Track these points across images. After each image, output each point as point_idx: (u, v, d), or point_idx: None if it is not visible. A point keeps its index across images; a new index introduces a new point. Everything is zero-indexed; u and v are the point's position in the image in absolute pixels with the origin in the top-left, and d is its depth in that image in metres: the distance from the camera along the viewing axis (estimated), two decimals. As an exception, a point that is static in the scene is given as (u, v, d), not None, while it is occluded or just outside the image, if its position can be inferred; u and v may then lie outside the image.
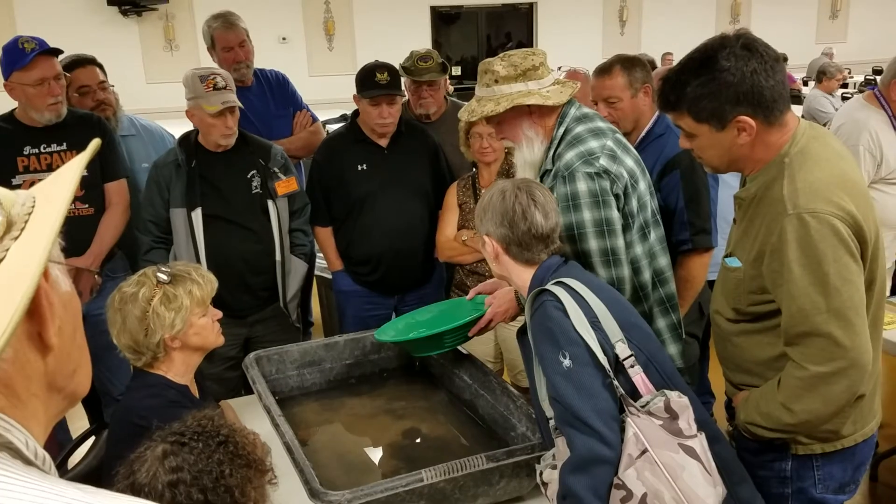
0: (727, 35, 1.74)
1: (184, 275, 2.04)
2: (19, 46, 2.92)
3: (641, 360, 1.72)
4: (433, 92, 3.53)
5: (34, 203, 0.74)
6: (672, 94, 1.79)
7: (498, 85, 2.17)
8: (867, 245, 1.69)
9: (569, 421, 1.66)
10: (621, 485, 1.61)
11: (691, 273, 2.66)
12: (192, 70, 2.93)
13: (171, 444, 1.43)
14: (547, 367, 1.73)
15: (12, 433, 0.70)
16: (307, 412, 2.52)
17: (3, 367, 0.71)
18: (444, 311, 2.62)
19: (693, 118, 1.77)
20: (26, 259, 0.68)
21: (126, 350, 2.01)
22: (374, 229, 3.21)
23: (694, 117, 1.77)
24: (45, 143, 3.04)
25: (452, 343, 2.45)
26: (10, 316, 0.64)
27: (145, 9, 10.69)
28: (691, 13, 13.48)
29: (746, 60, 1.68)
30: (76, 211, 3.04)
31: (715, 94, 1.71)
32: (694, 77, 1.73)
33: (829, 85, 8.22)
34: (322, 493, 1.74)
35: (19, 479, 0.64)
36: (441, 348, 2.45)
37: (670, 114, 1.85)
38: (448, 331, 2.36)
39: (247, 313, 3.02)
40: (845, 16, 14.79)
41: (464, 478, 1.85)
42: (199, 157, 2.95)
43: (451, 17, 13.44)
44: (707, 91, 1.71)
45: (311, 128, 3.81)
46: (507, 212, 1.87)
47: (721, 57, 1.70)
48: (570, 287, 1.76)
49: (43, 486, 0.64)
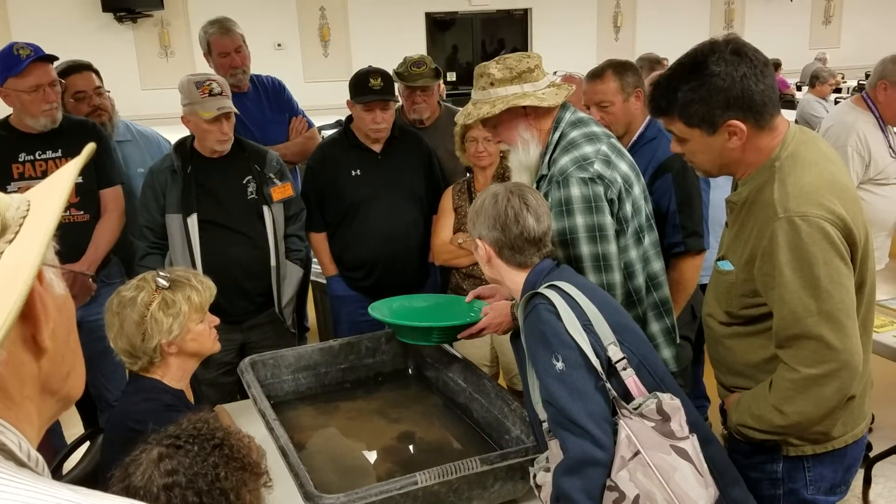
0: (717, 40, 1.76)
1: (183, 281, 2.04)
2: (14, 53, 2.92)
3: (634, 362, 1.73)
4: (426, 97, 3.55)
5: (29, 207, 0.74)
6: (663, 99, 1.80)
7: (493, 88, 2.19)
8: (857, 248, 1.71)
9: (562, 423, 1.67)
10: (614, 486, 1.62)
11: (684, 276, 2.68)
12: (188, 76, 2.94)
13: (166, 447, 1.43)
14: (540, 370, 1.74)
15: (5, 435, 0.71)
16: (302, 416, 2.53)
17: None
18: (441, 305, 2.65)
19: (684, 123, 1.78)
20: (20, 262, 0.68)
21: (122, 354, 2.01)
22: (367, 234, 3.22)
23: (685, 122, 1.78)
24: (41, 149, 3.04)
25: (440, 340, 2.48)
26: (4, 318, 0.65)
27: (140, 15, 10.67)
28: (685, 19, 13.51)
29: (736, 65, 1.70)
30: (71, 217, 3.04)
31: (705, 99, 1.72)
32: (684, 82, 1.75)
33: (823, 90, 8.25)
34: (317, 496, 1.75)
35: (12, 480, 0.64)
36: (428, 341, 2.48)
37: (661, 119, 1.86)
38: (438, 328, 2.40)
39: (242, 319, 3.02)
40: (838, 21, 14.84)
41: (458, 481, 1.86)
42: (194, 162, 2.96)
43: (446, 24, 13.46)
44: (697, 96, 1.73)
45: (306, 133, 3.83)
46: (499, 215, 1.89)
47: (711, 62, 1.71)
48: (562, 290, 1.77)
49: (36, 487, 0.64)
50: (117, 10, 10.51)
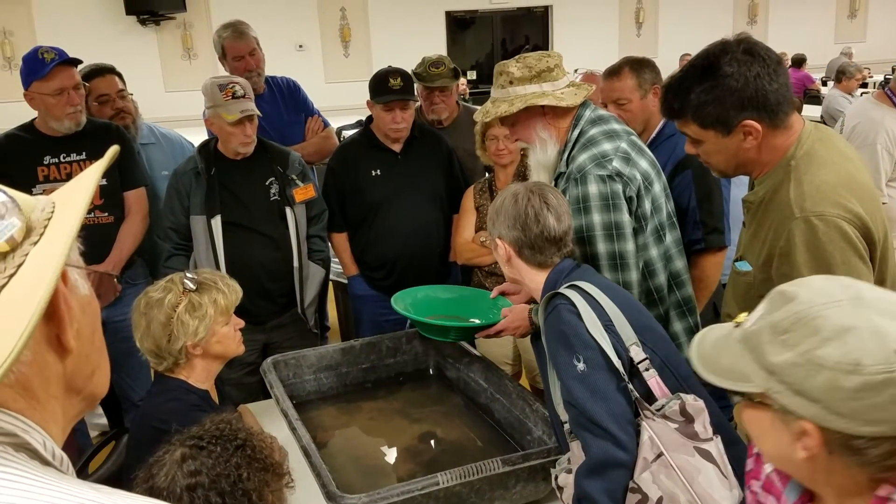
0: (728, 40, 1.75)
1: (210, 283, 2.06)
2: (39, 56, 2.96)
3: (656, 363, 1.72)
4: (445, 98, 3.54)
5: (53, 209, 0.75)
6: (676, 101, 1.79)
7: (512, 86, 2.18)
8: (875, 246, 1.69)
9: (583, 424, 1.66)
10: (637, 488, 1.60)
11: (705, 273, 2.65)
12: (211, 79, 2.97)
13: (189, 448, 1.45)
14: (561, 371, 1.73)
15: (31, 434, 0.72)
16: (324, 416, 2.54)
17: (22, 370, 0.72)
18: (465, 298, 2.66)
19: (698, 125, 1.77)
20: (45, 263, 0.69)
21: (148, 354, 2.04)
22: (388, 234, 3.23)
23: (699, 124, 1.77)
24: (65, 152, 3.08)
25: (458, 338, 2.50)
26: (28, 319, 0.65)
27: (163, 18, 10.77)
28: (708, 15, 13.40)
29: (749, 65, 1.69)
30: (96, 219, 3.07)
31: (719, 100, 1.71)
32: (697, 83, 1.73)
33: (849, 85, 8.15)
34: (339, 496, 1.76)
35: (36, 480, 0.65)
36: (446, 338, 2.50)
37: (675, 121, 1.85)
38: (456, 327, 2.41)
39: (265, 319, 3.04)
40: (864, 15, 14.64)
41: (480, 481, 1.86)
42: (218, 164, 2.98)
43: (467, 22, 13.45)
44: (711, 97, 1.71)
45: (322, 133, 3.83)
46: (519, 215, 1.88)
47: (723, 63, 1.70)
48: (583, 290, 1.76)
49: (60, 487, 0.65)
50: (140, 13, 10.61)
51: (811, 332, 0.98)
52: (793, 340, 0.99)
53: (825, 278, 1.06)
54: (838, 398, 0.96)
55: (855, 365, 0.94)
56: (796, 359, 0.99)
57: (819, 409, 0.97)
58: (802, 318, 0.99)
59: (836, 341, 0.96)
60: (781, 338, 1.00)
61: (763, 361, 1.02)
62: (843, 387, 0.95)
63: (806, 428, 1.00)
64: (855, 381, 0.94)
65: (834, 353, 0.96)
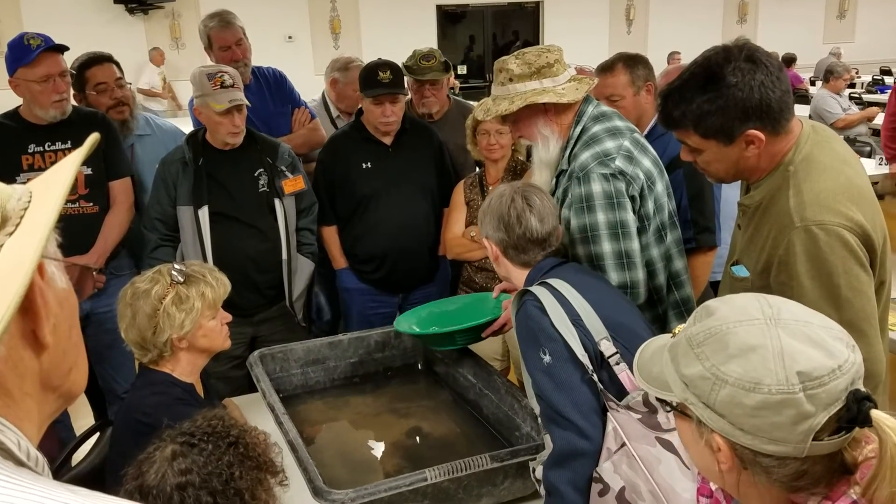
0: (729, 47, 1.69)
1: (198, 276, 2.03)
2: (25, 43, 2.92)
3: (628, 357, 1.72)
4: (435, 91, 3.52)
5: (30, 198, 0.72)
6: (675, 110, 1.73)
7: (512, 83, 2.16)
8: (875, 253, 1.67)
9: (550, 416, 1.69)
10: (598, 478, 1.63)
11: (695, 272, 2.64)
12: (200, 68, 2.94)
13: (180, 445, 1.41)
14: (529, 364, 1.76)
15: (4, 434, 0.69)
16: (311, 410, 2.52)
17: None
18: (468, 305, 2.65)
19: (700, 135, 1.72)
20: (20, 255, 0.66)
21: (133, 345, 2.01)
22: (378, 227, 3.21)
23: (701, 134, 1.71)
24: (50, 141, 3.03)
25: (465, 341, 2.48)
26: (3, 313, 0.63)
27: (151, 7, 10.70)
28: (698, 13, 13.45)
29: (753, 73, 1.64)
30: (80, 209, 3.02)
31: (723, 111, 1.65)
32: (700, 93, 1.68)
33: (837, 85, 8.20)
34: (325, 491, 1.75)
35: (9, 481, 0.63)
36: (454, 345, 2.50)
37: (673, 130, 1.79)
38: (459, 330, 2.40)
39: (253, 312, 3.01)
40: (853, 16, 14.73)
41: (468, 477, 1.85)
42: (206, 154, 2.95)
43: (458, 16, 13.44)
44: (715, 107, 1.66)
45: (309, 125, 3.80)
46: (502, 216, 1.92)
47: (727, 72, 1.64)
48: (552, 287, 1.78)
49: (34, 489, 0.63)
50: (128, 1, 10.55)
51: (720, 348, 1.02)
52: (704, 354, 1.03)
53: (752, 296, 1.08)
54: (739, 414, 0.99)
55: (755, 383, 0.98)
56: (704, 372, 1.02)
57: (725, 424, 1.01)
58: (715, 334, 1.03)
59: (739, 358, 0.99)
60: (695, 351, 1.04)
61: (680, 372, 1.06)
62: (743, 403, 0.99)
63: (718, 441, 1.04)
64: (754, 398, 0.98)
65: (737, 370, 0.99)
